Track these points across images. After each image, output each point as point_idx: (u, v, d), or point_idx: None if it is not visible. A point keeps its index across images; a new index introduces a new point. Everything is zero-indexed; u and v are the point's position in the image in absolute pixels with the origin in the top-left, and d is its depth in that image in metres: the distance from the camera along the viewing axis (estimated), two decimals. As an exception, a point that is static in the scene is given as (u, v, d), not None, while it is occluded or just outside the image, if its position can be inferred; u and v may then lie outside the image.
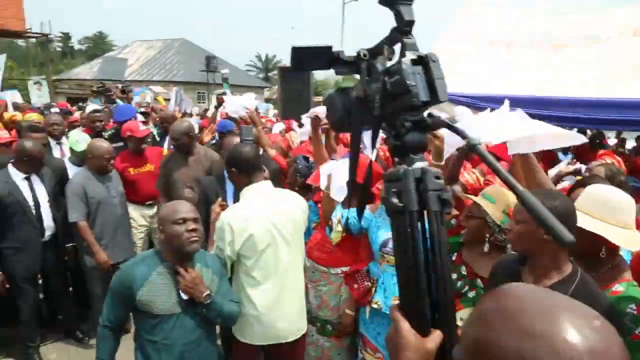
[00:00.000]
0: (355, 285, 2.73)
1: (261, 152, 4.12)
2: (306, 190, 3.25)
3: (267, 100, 25.30)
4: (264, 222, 2.50)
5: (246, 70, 45.19)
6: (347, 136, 6.92)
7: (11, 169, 3.68)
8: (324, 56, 0.95)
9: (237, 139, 3.89)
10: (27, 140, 3.81)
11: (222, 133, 5.67)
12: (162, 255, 2.26)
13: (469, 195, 2.41)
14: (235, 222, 2.46)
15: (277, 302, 2.55)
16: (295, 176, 3.38)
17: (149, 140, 5.02)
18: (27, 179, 3.73)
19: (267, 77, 53.82)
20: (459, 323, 2.12)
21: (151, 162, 4.63)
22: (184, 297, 2.20)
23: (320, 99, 10.44)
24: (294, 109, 5.97)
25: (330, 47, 0.95)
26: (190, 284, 2.17)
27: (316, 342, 3.04)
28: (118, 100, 9.94)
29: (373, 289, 2.65)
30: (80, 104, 13.87)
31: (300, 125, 5.98)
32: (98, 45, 63.97)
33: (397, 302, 0.90)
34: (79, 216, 3.77)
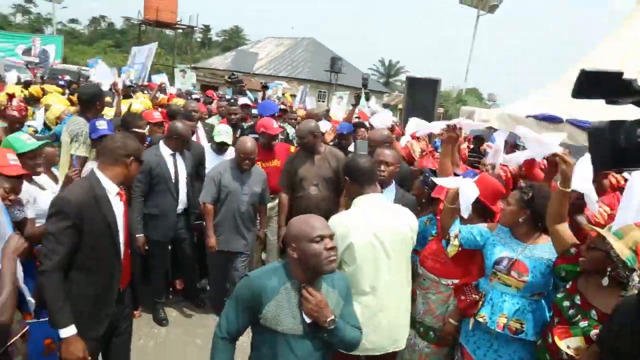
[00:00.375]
0: (463, 297, 2.76)
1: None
2: (432, 203, 3.29)
3: (385, 106, 25.35)
4: (366, 233, 2.51)
5: (368, 74, 45.56)
6: (465, 152, 6.77)
7: (162, 145, 4.17)
8: (612, 83, 0.86)
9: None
10: (180, 122, 4.28)
11: (342, 135, 5.88)
12: (290, 270, 2.10)
13: (595, 228, 2.32)
14: (338, 228, 2.45)
15: (373, 315, 2.55)
16: (423, 188, 3.42)
17: (281, 137, 5.27)
18: (173, 155, 4.18)
19: (388, 82, 53.85)
20: (567, 350, 2.08)
21: (278, 158, 4.85)
22: (307, 320, 2.06)
23: (441, 110, 10.22)
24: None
25: (621, 74, 0.86)
26: (315, 308, 2.01)
27: (415, 345, 3.10)
28: (248, 92, 10.62)
29: (480, 303, 2.66)
30: (220, 92, 14.93)
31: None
32: (233, 39, 68.56)
33: None
34: (207, 199, 4.15)
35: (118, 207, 2.46)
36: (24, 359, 2.57)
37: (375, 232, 2.52)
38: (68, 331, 2.26)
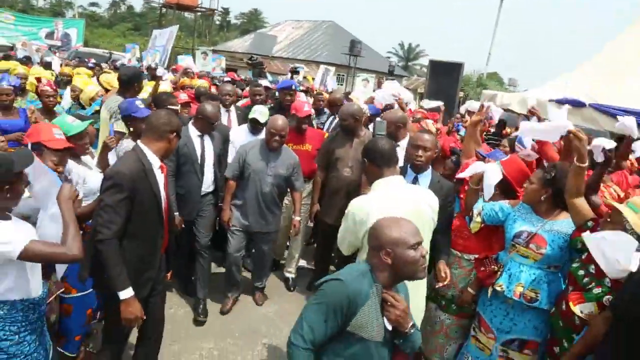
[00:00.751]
0: (483, 268, 2.90)
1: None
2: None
3: (404, 90, 25.13)
4: (383, 215, 2.44)
5: (386, 57, 45.21)
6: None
7: (190, 126, 4.20)
8: None
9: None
10: (209, 104, 4.28)
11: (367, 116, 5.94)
12: (375, 274, 2.00)
13: (614, 202, 2.47)
14: (357, 212, 2.48)
15: None
16: (456, 167, 3.53)
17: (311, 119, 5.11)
18: (201, 137, 4.17)
19: (407, 66, 53.33)
20: (580, 315, 2.21)
21: (310, 143, 4.76)
22: (389, 326, 1.98)
23: (461, 94, 10.21)
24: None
25: None
26: (402, 314, 1.95)
27: (437, 317, 3.25)
28: (268, 75, 10.68)
29: (498, 273, 2.79)
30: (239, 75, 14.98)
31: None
32: (252, 22, 68.42)
33: None
34: (228, 173, 4.17)
35: (160, 179, 2.65)
36: (56, 317, 2.79)
37: (394, 215, 2.49)
38: (127, 293, 2.45)
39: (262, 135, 4.54)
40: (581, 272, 2.42)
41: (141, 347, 2.98)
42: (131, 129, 3.66)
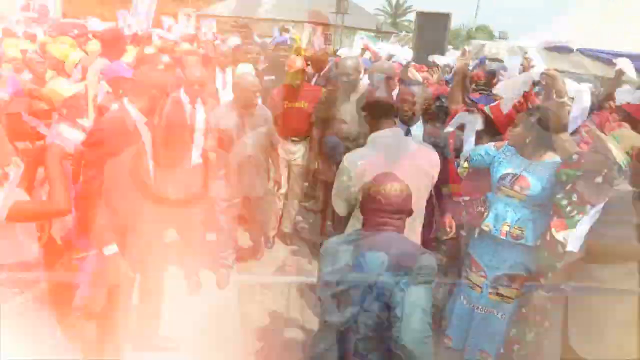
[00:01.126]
0: (471, 210, 3.02)
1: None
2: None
3: (393, 47, 24.76)
4: (380, 171, 2.30)
5: (374, 15, 44.27)
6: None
7: (182, 93, 3.88)
8: None
9: None
10: (196, 69, 3.97)
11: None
12: None
13: (599, 133, 2.61)
14: (353, 166, 2.46)
15: None
16: (439, 111, 3.59)
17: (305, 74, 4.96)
18: (192, 105, 3.86)
19: (395, 22, 52.35)
20: (563, 241, 2.34)
21: (305, 100, 4.60)
22: None
23: (450, 47, 10.13)
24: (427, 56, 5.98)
25: None
26: None
27: None
28: (255, 37, 10.49)
29: (485, 214, 2.90)
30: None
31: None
32: (235, -17, 66.33)
33: None
34: (207, 146, 3.83)
35: (146, 135, 2.68)
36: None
37: (390, 169, 2.39)
38: (110, 249, 2.49)
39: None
40: (564, 202, 2.52)
41: (143, 304, 3.08)
42: (121, 91, 3.65)
